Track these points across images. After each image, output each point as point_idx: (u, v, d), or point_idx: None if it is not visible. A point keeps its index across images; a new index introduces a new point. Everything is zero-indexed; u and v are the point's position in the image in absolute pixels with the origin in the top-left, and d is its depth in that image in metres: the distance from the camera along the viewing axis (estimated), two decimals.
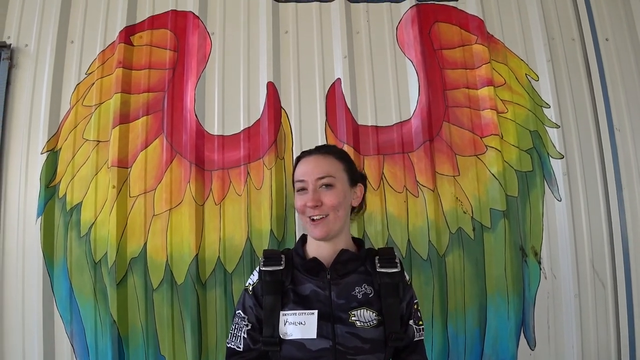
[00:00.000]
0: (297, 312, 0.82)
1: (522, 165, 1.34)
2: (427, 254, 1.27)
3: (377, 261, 0.88)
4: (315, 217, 0.85)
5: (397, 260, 0.89)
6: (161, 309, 1.23)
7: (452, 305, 1.26)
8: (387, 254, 0.90)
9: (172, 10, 1.41)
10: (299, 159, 0.92)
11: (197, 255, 1.24)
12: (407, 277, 0.91)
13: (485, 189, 1.32)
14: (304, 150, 0.96)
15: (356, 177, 0.93)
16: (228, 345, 0.87)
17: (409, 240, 1.28)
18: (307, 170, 0.87)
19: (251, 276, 0.91)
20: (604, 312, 1.29)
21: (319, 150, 0.92)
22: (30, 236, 1.26)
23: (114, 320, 1.20)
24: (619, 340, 1.29)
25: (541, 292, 1.29)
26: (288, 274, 0.86)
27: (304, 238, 0.94)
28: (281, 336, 0.81)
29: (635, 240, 1.32)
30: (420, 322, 0.90)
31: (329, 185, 0.86)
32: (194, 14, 1.40)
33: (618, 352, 1.28)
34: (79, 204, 1.28)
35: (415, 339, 0.88)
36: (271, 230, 1.26)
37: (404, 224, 1.29)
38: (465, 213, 1.31)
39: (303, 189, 0.87)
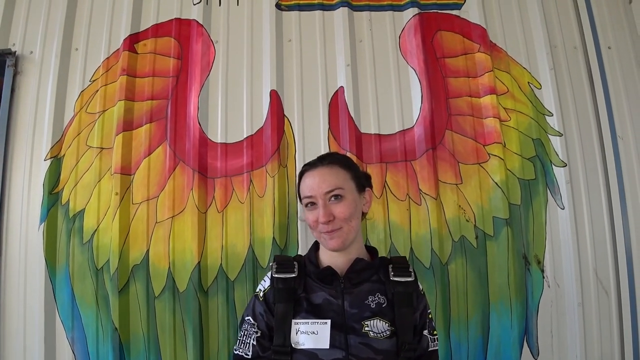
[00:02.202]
0: (310, 321, 0.81)
1: (525, 174, 1.34)
2: (430, 262, 1.26)
3: (390, 269, 0.87)
4: (327, 231, 0.84)
5: (411, 269, 0.88)
6: (163, 317, 1.23)
7: (454, 313, 1.25)
8: (401, 263, 0.89)
9: (176, 18, 1.42)
10: (302, 172, 0.91)
11: (199, 262, 1.24)
12: (421, 287, 0.90)
13: (488, 197, 1.32)
14: (307, 162, 0.94)
15: (363, 182, 0.92)
16: (235, 353, 0.86)
17: (411, 248, 1.28)
18: (314, 185, 0.85)
19: (262, 282, 0.90)
20: (608, 321, 1.28)
21: (322, 161, 0.90)
22: (32, 242, 1.26)
23: (116, 328, 1.20)
24: (622, 349, 1.27)
25: (544, 301, 1.28)
26: (301, 282, 0.85)
27: (317, 245, 0.93)
28: (293, 345, 0.80)
29: (638, 248, 1.31)
30: (435, 332, 0.89)
31: (338, 197, 0.85)
32: (197, 22, 1.41)
33: None
34: (82, 211, 1.28)
35: (430, 349, 0.86)
36: (274, 238, 1.26)
37: (406, 232, 1.28)
38: (468, 221, 1.30)
39: (312, 204, 0.86)
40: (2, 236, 1.27)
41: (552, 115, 1.38)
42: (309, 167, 0.91)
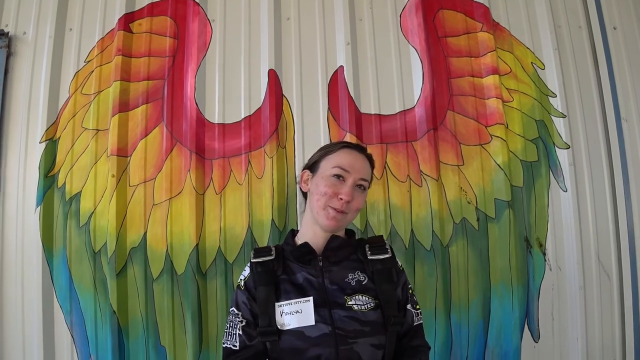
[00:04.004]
0: (293, 301, 0.81)
1: (528, 155, 1.32)
2: (431, 245, 1.25)
3: (367, 249, 0.88)
4: (338, 209, 0.84)
5: (388, 247, 0.89)
6: (161, 300, 1.22)
7: (455, 296, 1.25)
8: (377, 242, 0.91)
9: None
10: (344, 147, 0.91)
11: (197, 245, 1.23)
12: (399, 263, 0.91)
13: (490, 179, 1.30)
14: (347, 141, 0.98)
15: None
16: (224, 346, 0.85)
17: (412, 230, 1.26)
18: (355, 165, 0.87)
19: (242, 272, 0.90)
20: (609, 304, 1.27)
21: (364, 152, 0.92)
22: (29, 226, 1.25)
23: (114, 311, 1.20)
24: (623, 333, 1.27)
25: (546, 284, 1.27)
26: (279, 264, 0.86)
27: (293, 233, 0.93)
28: (279, 327, 0.80)
29: None
30: (418, 306, 0.90)
31: (362, 187, 0.88)
32: (194, 0, 1.37)
33: (623, 344, 1.27)
34: (78, 194, 1.27)
35: (415, 323, 0.87)
36: (272, 219, 1.24)
37: (407, 213, 1.27)
38: (469, 203, 1.29)
39: (341, 177, 0.86)
40: None
41: (556, 97, 1.36)
42: (352, 146, 0.92)
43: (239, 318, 0.84)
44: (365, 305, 0.81)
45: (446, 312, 1.23)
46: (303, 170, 0.94)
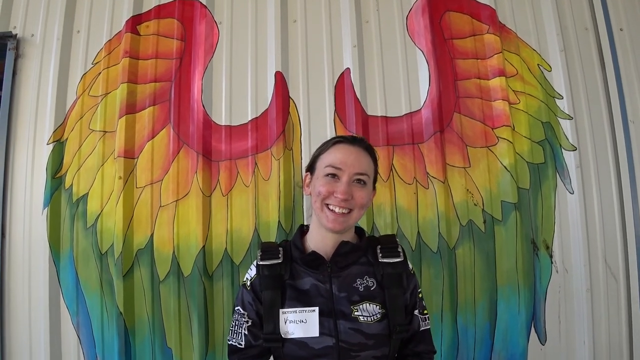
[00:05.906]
0: (298, 309, 0.80)
1: (534, 157, 1.32)
2: (437, 247, 1.25)
3: (379, 251, 0.85)
4: (337, 210, 0.81)
5: (400, 249, 0.86)
6: (168, 301, 1.23)
7: (462, 298, 1.24)
8: (389, 243, 0.87)
9: None
10: (336, 142, 0.86)
11: (204, 247, 1.23)
12: (411, 266, 0.89)
13: (497, 181, 1.30)
14: (340, 135, 0.92)
15: (375, 182, 0.90)
16: (229, 343, 0.85)
17: (418, 232, 1.26)
18: (348, 161, 0.82)
19: (249, 271, 0.89)
20: (616, 307, 1.27)
21: (360, 144, 0.86)
22: (36, 227, 1.26)
23: (121, 312, 1.20)
24: (631, 336, 1.26)
25: (552, 286, 1.27)
26: (287, 268, 0.84)
27: (302, 229, 0.91)
28: (282, 335, 0.79)
29: None
30: (426, 312, 0.88)
31: (361, 182, 0.83)
32: (201, 2, 1.38)
33: (630, 347, 1.26)
34: (85, 195, 1.28)
35: (422, 328, 0.86)
36: (279, 221, 1.25)
37: (413, 216, 1.27)
38: (475, 205, 1.29)
39: (334, 176, 0.82)
40: (5, 221, 1.27)
41: (562, 98, 1.36)
42: (344, 140, 0.86)
43: (244, 318, 0.84)
44: (372, 317, 0.79)
45: (453, 314, 1.23)
46: (305, 173, 0.92)
